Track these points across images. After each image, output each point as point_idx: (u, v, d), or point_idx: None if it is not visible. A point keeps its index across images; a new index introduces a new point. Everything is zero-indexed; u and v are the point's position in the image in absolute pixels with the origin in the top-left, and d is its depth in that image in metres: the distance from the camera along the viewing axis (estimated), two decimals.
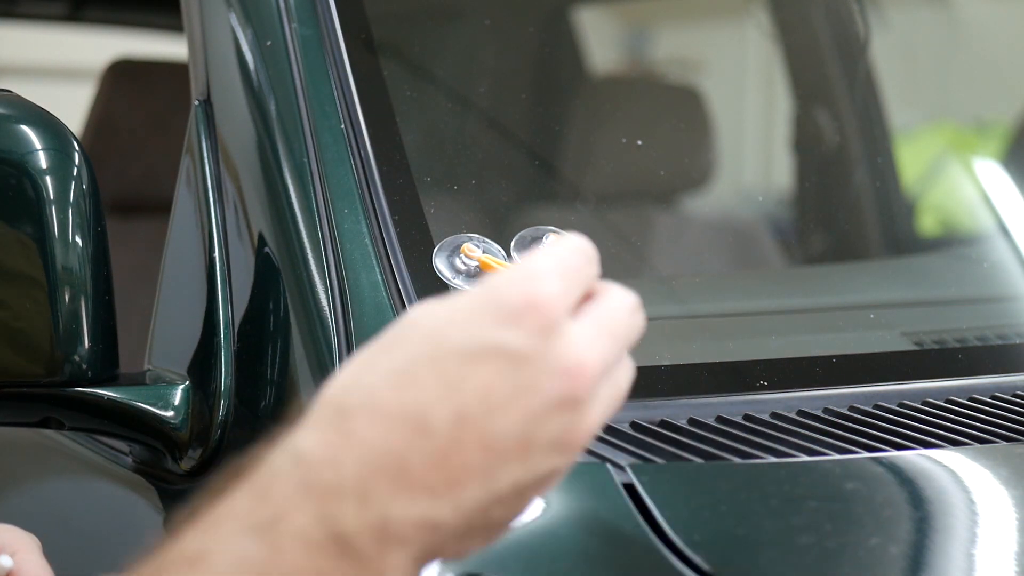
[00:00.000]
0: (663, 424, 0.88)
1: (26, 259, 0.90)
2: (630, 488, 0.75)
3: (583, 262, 0.60)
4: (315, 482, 0.53)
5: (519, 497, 0.56)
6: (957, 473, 0.85)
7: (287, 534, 0.53)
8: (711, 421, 0.89)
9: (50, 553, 0.82)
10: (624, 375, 0.60)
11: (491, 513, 0.56)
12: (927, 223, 1.92)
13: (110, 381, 0.95)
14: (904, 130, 2.02)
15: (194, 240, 1.00)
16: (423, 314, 0.57)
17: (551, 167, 1.44)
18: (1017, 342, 1.20)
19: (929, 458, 0.85)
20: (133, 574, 0.53)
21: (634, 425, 0.88)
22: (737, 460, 0.81)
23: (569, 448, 0.57)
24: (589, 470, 0.78)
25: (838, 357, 1.03)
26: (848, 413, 0.93)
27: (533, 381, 0.55)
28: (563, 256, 0.58)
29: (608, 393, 0.58)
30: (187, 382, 0.97)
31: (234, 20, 1.05)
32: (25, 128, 0.91)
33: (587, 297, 0.60)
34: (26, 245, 0.90)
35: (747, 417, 0.90)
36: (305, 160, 0.97)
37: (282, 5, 1.03)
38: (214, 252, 0.98)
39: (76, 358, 0.92)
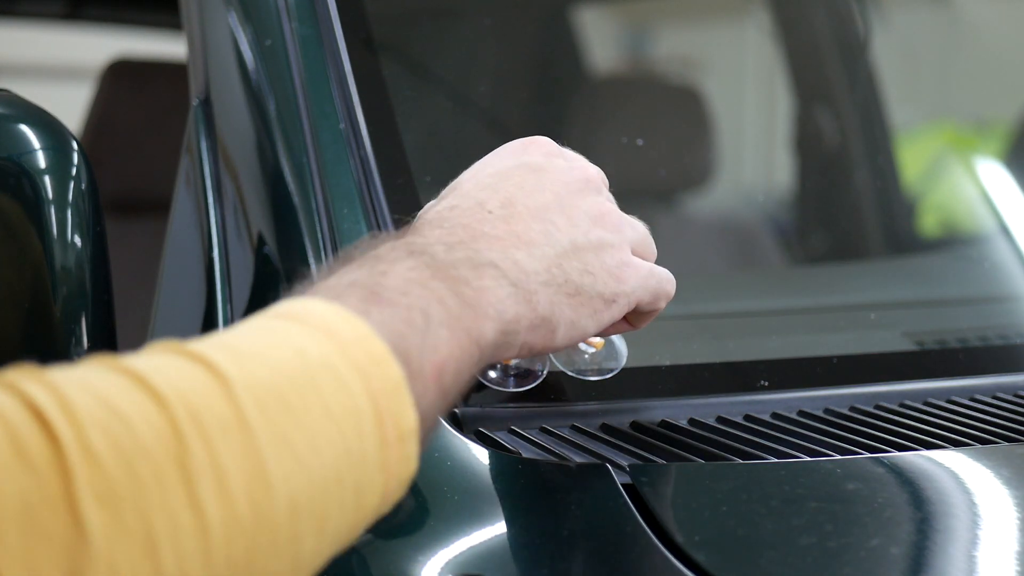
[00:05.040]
0: (663, 424, 0.88)
1: (25, 259, 0.90)
2: (630, 488, 0.75)
3: None
4: (418, 244, 0.70)
5: (580, 256, 0.74)
6: (958, 474, 0.85)
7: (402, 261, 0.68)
8: (711, 421, 0.89)
9: None
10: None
11: (565, 267, 0.73)
12: (927, 223, 1.92)
13: None
14: (904, 130, 2.01)
15: (193, 240, 1.00)
16: (468, 171, 0.80)
17: None
18: (1018, 342, 1.20)
19: (930, 459, 0.85)
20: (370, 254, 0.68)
21: (634, 425, 0.87)
22: (738, 460, 0.81)
23: (605, 221, 0.76)
24: (589, 470, 0.77)
25: (839, 357, 1.03)
26: (849, 413, 0.93)
27: (551, 173, 0.77)
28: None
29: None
30: None
31: (233, 20, 1.05)
32: (24, 128, 0.91)
33: None
34: (25, 245, 0.90)
35: (748, 417, 0.90)
36: (305, 160, 0.96)
37: (282, 5, 1.03)
38: (213, 252, 0.98)
39: (76, 358, 0.92)
